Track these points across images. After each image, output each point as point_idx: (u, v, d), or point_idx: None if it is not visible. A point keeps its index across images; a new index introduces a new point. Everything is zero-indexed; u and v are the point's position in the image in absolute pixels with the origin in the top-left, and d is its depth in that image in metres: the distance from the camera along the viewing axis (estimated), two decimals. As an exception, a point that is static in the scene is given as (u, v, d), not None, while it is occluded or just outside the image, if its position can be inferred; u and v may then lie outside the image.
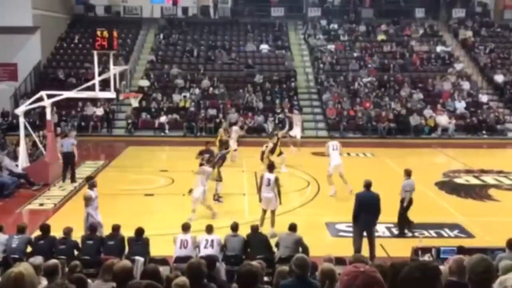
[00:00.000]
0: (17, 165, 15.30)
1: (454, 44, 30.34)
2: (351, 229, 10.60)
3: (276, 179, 11.49)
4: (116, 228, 9.14)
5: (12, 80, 26.19)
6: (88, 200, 10.23)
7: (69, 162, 15.51)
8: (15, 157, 15.89)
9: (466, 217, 12.75)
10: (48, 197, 14.39)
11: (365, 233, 9.92)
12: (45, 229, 9.04)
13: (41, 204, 13.79)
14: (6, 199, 14.07)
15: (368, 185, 10.08)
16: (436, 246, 9.18)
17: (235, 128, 18.75)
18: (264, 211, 11.57)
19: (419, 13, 32.16)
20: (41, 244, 8.73)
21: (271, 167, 11.96)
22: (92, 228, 9.12)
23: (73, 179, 15.51)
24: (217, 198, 13.57)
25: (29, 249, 8.81)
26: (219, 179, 13.73)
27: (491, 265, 3.18)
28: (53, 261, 5.85)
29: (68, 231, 8.91)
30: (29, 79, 26.34)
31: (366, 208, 9.89)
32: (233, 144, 17.34)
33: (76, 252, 8.75)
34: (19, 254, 8.41)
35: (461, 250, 8.02)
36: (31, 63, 26.37)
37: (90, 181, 10.87)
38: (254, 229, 9.29)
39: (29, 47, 26.32)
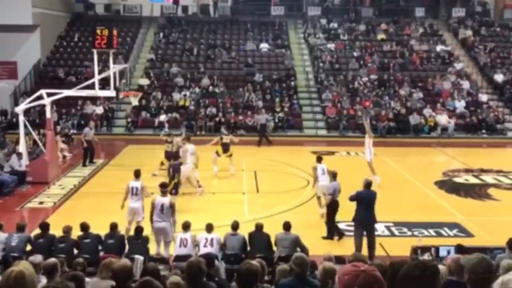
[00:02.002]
0: (20, 165, 15.26)
1: (454, 43, 30.35)
2: (350, 228, 10.63)
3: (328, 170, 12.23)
4: (114, 227, 9.13)
5: (11, 79, 26.18)
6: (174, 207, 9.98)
7: (90, 148, 17.74)
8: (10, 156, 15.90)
9: (466, 216, 12.76)
10: (48, 195, 14.40)
11: (365, 232, 9.95)
12: (44, 227, 9.04)
13: (41, 203, 13.79)
14: (6, 197, 14.07)
15: (368, 184, 10.18)
16: (435, 245, 9.20)
17: (177, 139, 15.89)
18: (319, 198, 12.19)
19: (419, 12, 32.17)
20: (40, 243, 8.73)
21: (319, 158, 12.73)
22: (84, 227, 9.07)
23: (91, 161, 17.80)
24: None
25: (28, 247, 8.82)
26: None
27: (491, 265, 3.19)
28: (53, 259, 5.85)
29: (67, 230, 8.90)
30: (29, 77, 26.32)
31: (366, 206, 9.96)
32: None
33: (75, 251, 8.75)
34: (18, 253, 8.41)
35: (459, 249, 8.02)
36: (30, 61, 26.34)
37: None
38: (258, 227, 9.28)
39: (29, 45, 26.28)
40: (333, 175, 11.42)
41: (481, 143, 23.26)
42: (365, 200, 10.01)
